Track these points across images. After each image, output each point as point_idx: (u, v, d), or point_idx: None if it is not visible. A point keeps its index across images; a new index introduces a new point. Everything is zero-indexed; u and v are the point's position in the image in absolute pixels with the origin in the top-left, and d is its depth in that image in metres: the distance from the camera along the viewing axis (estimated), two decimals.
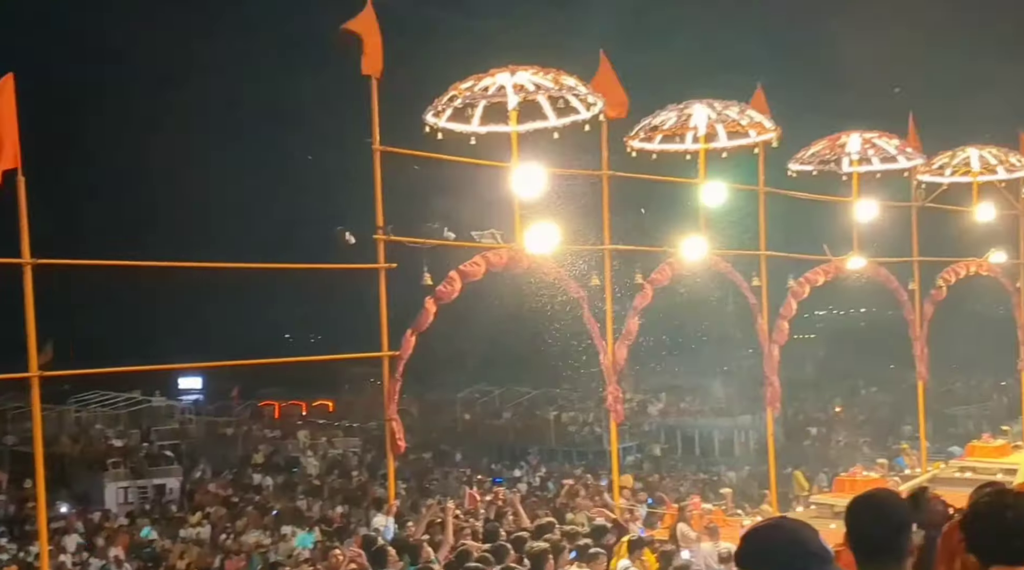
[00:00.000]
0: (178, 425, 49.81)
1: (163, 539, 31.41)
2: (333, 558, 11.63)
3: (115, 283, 29.91)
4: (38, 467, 11.16)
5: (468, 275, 13.76)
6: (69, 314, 11.58)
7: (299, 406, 55.60)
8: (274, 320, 69.57)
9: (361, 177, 12.89)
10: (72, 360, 12.07)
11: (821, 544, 2.87)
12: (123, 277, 20.39)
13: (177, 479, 39.48)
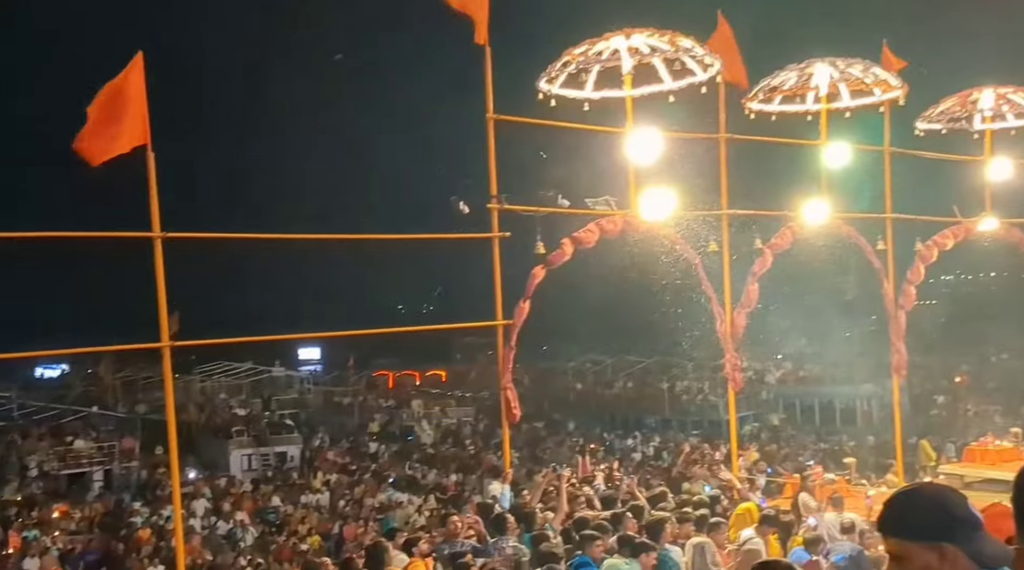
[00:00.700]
0: (297, 395, 51.44)
1: (285, 505, 32.59)
2: (452, 525, 11.80)
3: (237, 256, 30.84)
4: (171, 434, 11.65)
5: (581, 242, 13.71)
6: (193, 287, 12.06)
7: (413, 376, 56.70)
8: (388, 291, 70.92)
9: (475, 146, 12.95)
10: (197, 332, 12.52)
11: (969, 509, 2.75)
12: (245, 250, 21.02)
13: (297, 447, 40.78)
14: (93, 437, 40.07)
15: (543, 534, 10.81)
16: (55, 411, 45.43)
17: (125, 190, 11.25)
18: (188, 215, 12.01)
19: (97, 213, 12.52)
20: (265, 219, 46.71)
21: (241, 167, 68.91)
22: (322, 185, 66.54)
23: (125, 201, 11.43)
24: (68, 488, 36.28)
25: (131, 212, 11.36)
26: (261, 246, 14.45)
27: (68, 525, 31.93)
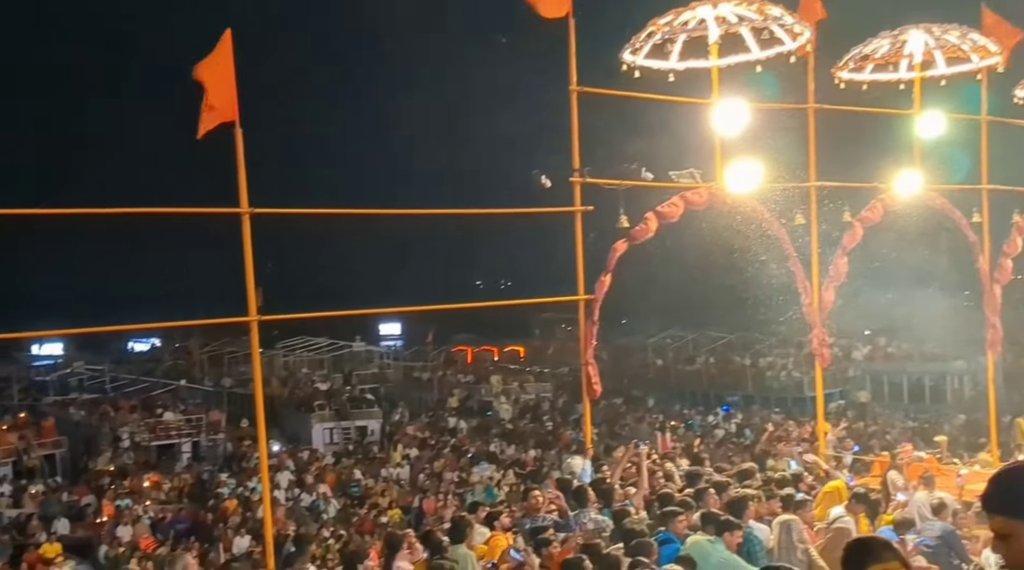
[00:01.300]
0: (377, 369, 52.22)
1: (366, 478, 33.20)
2: (533, 499, 11.86)
3: (320, 232, 31.37)
4: (258, 407, 11.91)
5: (665, 216, 13.59)
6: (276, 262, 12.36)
7: (491, 352, 57.06)
8: (466, 267, 71.44)
9: (557, 119, 12.91)
10: (280, 307, 12.76)
11: None
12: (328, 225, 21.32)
13: (378, 421, 41.45)
14: (181, 410, 41.31)
15: (624, 510, 10.81)
16: (145, 384, 46.95)
17: (212, 167, 11.52)
18: (273, 191, 12.25)
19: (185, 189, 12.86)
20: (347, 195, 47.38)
21: (324, 143, 69.85)
22: (403, 161, 67.11)
23: (212, 178, 11.70)
24: (158, 459, 37.53)
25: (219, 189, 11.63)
26: (343, 222, 14.64)
27: (158, 495, 33.07)
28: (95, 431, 39.70)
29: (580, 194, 13.33)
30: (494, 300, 38.84)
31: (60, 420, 40.29)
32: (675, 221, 13.94)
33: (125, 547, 26.79)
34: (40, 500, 32.47)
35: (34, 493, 33.10)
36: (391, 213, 12.98)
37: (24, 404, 43.41)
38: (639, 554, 8.35)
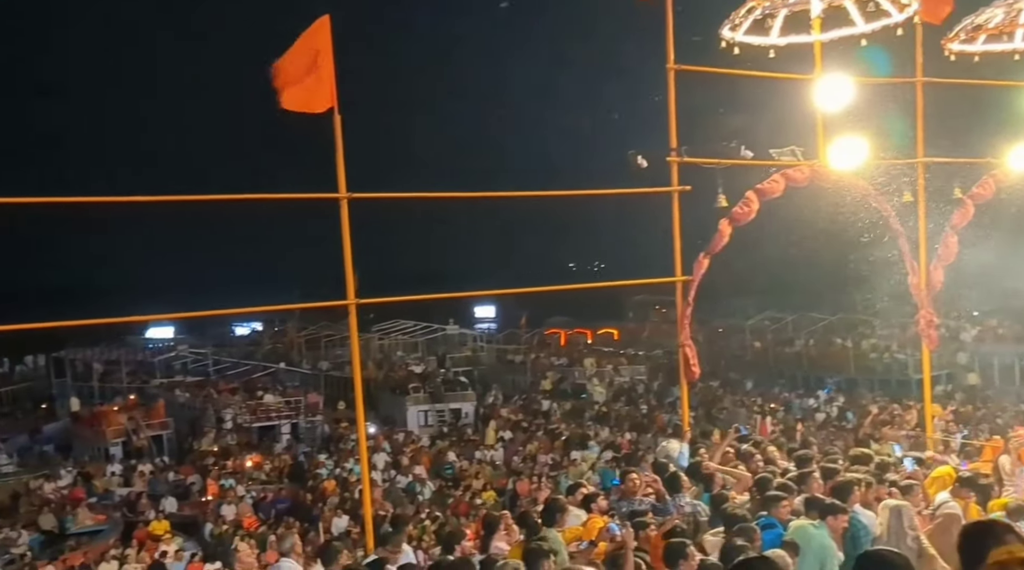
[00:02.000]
0: (470, 352, 52.71)
1: (460, 460, 33.59)
2: (630, 482, 11.83)
3: (416, 216, 31.73)
4: (357, 389, 12.16)
5: (766, 194, 13.35)
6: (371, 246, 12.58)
7: (584, 334, 56.94)
8: (559, 249, 71.47)
9: (654, 99, 12.78)
10: (376, 291, 12.96)
11: None
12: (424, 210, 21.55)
13: (471, 403, 41.86)
14: (281, 392, 42.40)
15: (723, 494, 10.71)
16: (246, 367, 48.33)
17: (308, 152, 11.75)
18: (369, 176, 12.42)
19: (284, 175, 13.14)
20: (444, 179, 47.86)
21: (421, 128, 70.63)
22: (498, 144, 67.32)
23: (309, 163, 11.93)
24: (259, 440, 38.59)
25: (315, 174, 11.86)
26: (439, 206, 14.77)
27: (260, 475, 34.05)
28: (199, 413, 41.04)
29: (677, 174, 13.18)
30: (587, 282, 38.77)
31: (166, 402, 41.78)
32: (776, 199, 13.69)
33: (229, 525, 27.71)
34: (149, 479, 33.80)
35: (143, 472, 34.46)
36: (487, 196, 13.04)
37: (133, 387, 45.13)
38: (741, 539, 8.27)
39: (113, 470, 35.29)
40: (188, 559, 24.22)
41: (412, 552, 11.25)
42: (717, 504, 10.28)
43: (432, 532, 23.45)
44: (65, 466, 35.84)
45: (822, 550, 8.76)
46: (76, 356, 49.02)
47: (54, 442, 41.55)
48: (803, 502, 9.69)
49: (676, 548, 7.84)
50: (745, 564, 4.29)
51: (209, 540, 27.47)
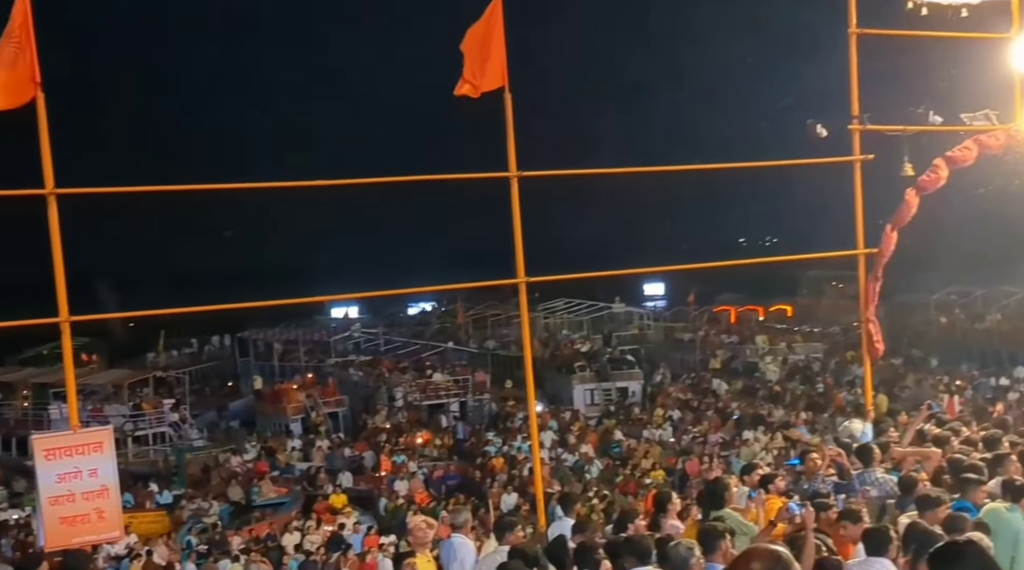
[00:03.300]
0: (637, 330, 52.46)
1: (628, 439, 33.57)
2: (810, 462, 11.56)
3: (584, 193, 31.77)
4: (527, 368, 12.33)
5: (957, 161, 12.67)
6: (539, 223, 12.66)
7: (755, 311, 55.68)
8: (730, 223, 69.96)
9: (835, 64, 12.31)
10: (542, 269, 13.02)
11: None
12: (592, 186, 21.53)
13: (638, 382, 41.72)
14: (449, 371, 43.43)
15: (912, 477, 10.31)
16: (416, 346, 49.71)
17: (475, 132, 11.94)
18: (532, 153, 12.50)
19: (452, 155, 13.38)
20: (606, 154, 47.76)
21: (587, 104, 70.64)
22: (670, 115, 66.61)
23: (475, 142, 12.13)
24: (429, 418, 39.70)
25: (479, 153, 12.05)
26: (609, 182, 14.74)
27: (430, 451, 35.07)
28: (372, 390, 42.55)
29: (860, 142, 12.65)
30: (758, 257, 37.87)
31: (341, 380, 43.51)
32: (968, 167, 12.97)
33: (403, 500, 28.69)
34: (326, 454, 35.37)
35: (321, 448, 36.09)
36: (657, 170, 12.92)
37: (310, 365, 47.22)
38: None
39: (293, 445, 37.11)
40: (365, 532, 25.16)
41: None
42: (907, 487, 9.92)
43: (600, 510, 23.58)
44: (250, 441, 37.97)
45: (1014, 534, 8.36)
46: (258, 336, 51.69)
47: (239, 418, 44.05)
48: (999, 485, 9.24)
49: (877, 534, 7.62)
50: (954, 547, 4.13)
51: (384, 514, 28.52)
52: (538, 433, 30.63)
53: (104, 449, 9.37)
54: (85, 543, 9.56)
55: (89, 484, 9.28)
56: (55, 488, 9.13)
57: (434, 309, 64.17)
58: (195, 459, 34.86)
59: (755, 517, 9.53)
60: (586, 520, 11.66)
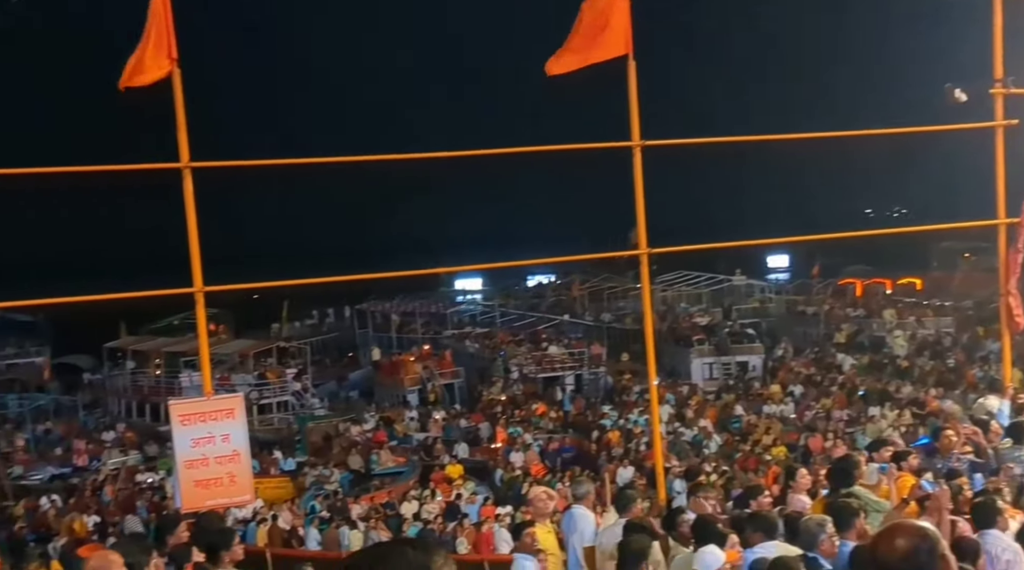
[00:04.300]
0: (758, 304, 51.53)
1: (748, 414, 33.12)
2: (945, 439, 11.22)
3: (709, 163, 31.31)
4: (648, 341, 12.26)
5: None
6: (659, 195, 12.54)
7: (883, 284, 53.97)
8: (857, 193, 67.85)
9: (977, 25, 11.73)
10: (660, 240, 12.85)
11: None
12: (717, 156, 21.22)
13: (759, 356, 41.06)
14: (564, 344, 43.53)
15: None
16: (531, 319, 49.97)
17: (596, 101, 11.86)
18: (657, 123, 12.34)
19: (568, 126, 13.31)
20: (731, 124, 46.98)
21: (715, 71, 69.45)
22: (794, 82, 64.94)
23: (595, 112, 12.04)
24: (544, 390, 39.92)
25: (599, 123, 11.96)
26: (733, 151, 14.44)
27: (545, 424, 35.30)
28: (487, 362, 43.00)
29: (1003, 107, 12.05)
30: (886, 228, 36.66)
31: (457, 352, 44.11)
32: None
33: (518, 472, 28.97)
34: (443, 425, 35.98)
35: (437, 419, 36.72)
36: (782, 138, 12.57)
37: (427, 337, 47.99)
38: None
39: (411, 416, 37.86)
40: (481, 502, 25.51)
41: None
42: None
43: (720, 486, 23.35)
44: (368, 411, 38.90)
45: None
46: (376, 308, 52.79)
47: (358, 388, 45.17)
48: None
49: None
50: None
51: (499, 485, 28.87)
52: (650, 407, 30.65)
53: (236, 415, 9.73)
54: (218, 506, 9.94)
55: (222, 449, 9.62)
56: (190, 452, 9.51)
57: (550, 282, 64.31)
58: (316, 428, 35.84)
59: (886, 494, 9.30)
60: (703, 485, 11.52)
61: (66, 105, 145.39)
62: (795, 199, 59.71)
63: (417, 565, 2.13)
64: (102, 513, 25.88)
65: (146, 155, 10.18)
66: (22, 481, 31.93)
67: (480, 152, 11.31)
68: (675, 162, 14.47)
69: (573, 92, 11.26)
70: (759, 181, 59.15)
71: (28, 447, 36.66)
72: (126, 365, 42.23)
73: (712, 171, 49.87)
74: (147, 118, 11.24)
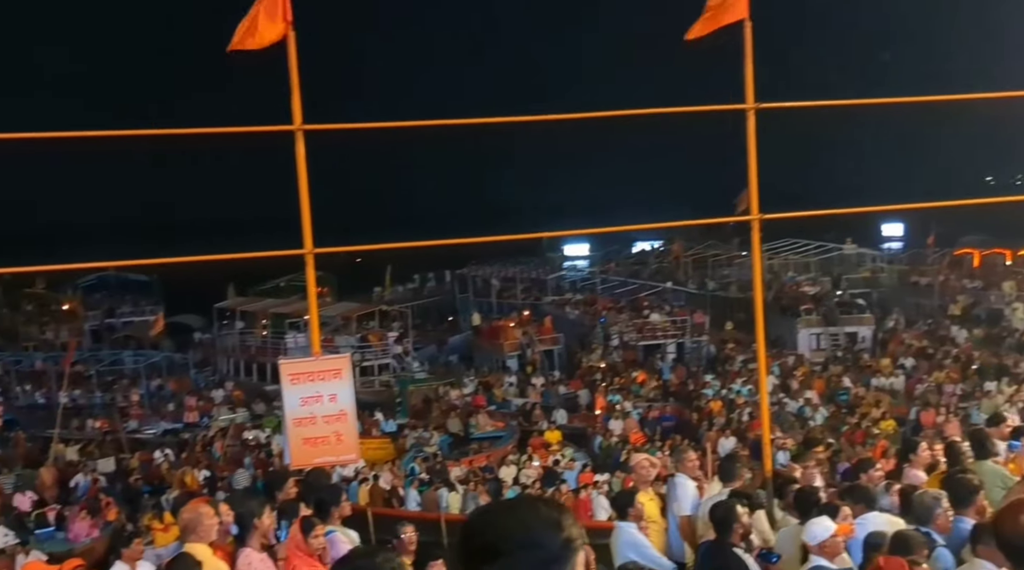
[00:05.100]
0: (869, 273, 50.22)
1: (856, 386, 32.49)
2: None
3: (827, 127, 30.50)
4: (757, 310, 11.99)
5: None
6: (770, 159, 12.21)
7: (1003, 255, 51.91)
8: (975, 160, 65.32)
9: None
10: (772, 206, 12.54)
11: None
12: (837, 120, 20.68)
13: (869, 327, 40.16)
14: (666, 311, 43.19)
15: None
16: (632, 286, 49.71)
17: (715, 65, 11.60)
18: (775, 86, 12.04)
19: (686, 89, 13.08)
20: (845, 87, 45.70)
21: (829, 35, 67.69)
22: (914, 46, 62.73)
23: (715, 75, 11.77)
24: (644, 358, 39.76)
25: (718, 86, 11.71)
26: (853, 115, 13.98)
27: (645, 392, 35.23)
28: (587, 329, 42.99)
29: None
30: (1009, 196, 35.10)
31: (557, 318, 44.22)
32: None
33: (617, 439, 29.03)
34: (541, 391, 36.21)
35: (536, 385, 36.96)
36: (898, 102, 12.11)
37: (527, 303, 48.22)
38: None
39: (510, 381, 38.18)
40: (579, 469, 25.68)
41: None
42: None
43: (826, 459, 22.98)
44: (468, 375, 39.36)
45: None
46: (477, 273, 53.20)
47: (458, 353, 45.70)
48: None
49: None
50: None
51: (598, 452, 28.98)
52: (757, 377, 30.29)
53: (343, 375, 9.89)
54: (325, 463, 10.17)
55: (329, 408, 9.81)
56: (299, 411, 9.73)
57: (652, 249, 63.74)
58: (417, 391, 36.45)
59: (1015, 470, 9.03)
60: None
61: (181, 66, 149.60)
62: (911, 166, 57.83)
63: (550, 521, 2.14)
64: (212, 467, 26.90)
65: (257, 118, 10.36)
66: (137, 435, 33.32)
67: (591, 115, 11.22)
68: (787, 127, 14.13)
69: (683, 56, 11.09)
70: (874, 147, 57.48)
71: (142, 402, 38.22)
72: (235, 325, 43.49)
73: (822, 137, 48.60)
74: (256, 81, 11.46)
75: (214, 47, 9.41)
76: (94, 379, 40.23)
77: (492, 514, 2.23)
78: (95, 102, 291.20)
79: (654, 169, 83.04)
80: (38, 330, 48.31)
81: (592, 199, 65.22)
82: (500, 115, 10.96)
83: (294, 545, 7.22)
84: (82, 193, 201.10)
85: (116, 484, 25.93)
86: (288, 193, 9.43)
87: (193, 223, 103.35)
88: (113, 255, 57.79)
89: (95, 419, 35.42)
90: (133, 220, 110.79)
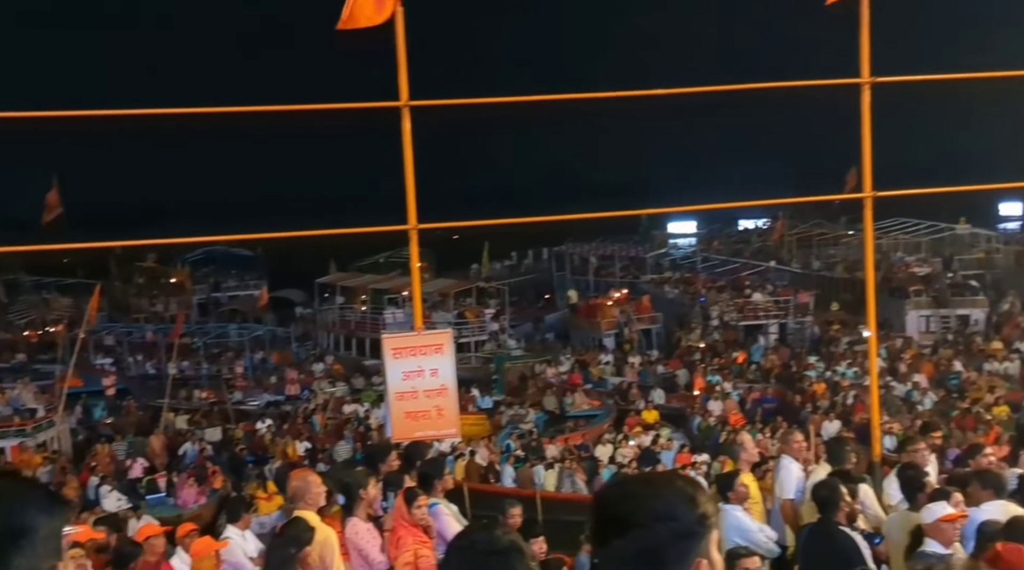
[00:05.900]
0: (983, 254, 48.46)
1: (967, 371, 31.52)
2: None
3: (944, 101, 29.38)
4: (869, 292, 11.75)
5: None
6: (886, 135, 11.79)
7: None
8: None
9: None
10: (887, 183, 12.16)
11: None
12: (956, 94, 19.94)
13: (982, 310, 38.89)
14: (769, 291, 42.44)
15: None
16: (734, 265, 48.97)
17: None
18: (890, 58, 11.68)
19: None
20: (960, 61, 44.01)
21: None
22: None
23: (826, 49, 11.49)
24: (745, 338, 39.19)
25: None
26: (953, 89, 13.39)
27: (746, 373, 34.74)
28: (687, 308, 42.56)
29: None
30: None
31: (656, 297, 43.86)
32: None
33: (715, 420, 28.71)
34: (639, 370, 36.02)
35: (633, 364, 36.78)
36: (1017, 75, 11.58)
37: (625, 281, 47.96)
38: None
39: (607, 359, 38.07)
40: (677, 449, 25.47)
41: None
42: None
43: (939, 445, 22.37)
44: (564, 353, 39.38)
45: None
46: (574, 250, 53.07)
47: (554, 330, 45.75)
48: None
49: None
50: None
51: (696, 433, 28.72)
52: (864, 360, 29.58)
53: (444, 350, 10.02)
54: (426, 437, 10.33)
55: (430, 383, 9.95)
56: (401, 385, 9.89)
57: (756, 228, 62.61)
58: (513, 368, 36.63)
59: None
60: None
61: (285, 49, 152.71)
62: None
63: (686, 495, 2.14)
64: (313, 439, 27.55)
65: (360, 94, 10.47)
66: (241, 406, 34.31)
67: (696, 89, 11.08)
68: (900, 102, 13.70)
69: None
70: (992, 123, 55.01)
71: (246, 374, 39.32)
72: (335, 300, 44.30)
73: (936, 112, 46.87)
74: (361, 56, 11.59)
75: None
76: (201, 351, 41.53)
77: (628, 485, 2.23)
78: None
79: (762, 145, 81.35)
80: (148, 303, 49.99)
81: (702, 175, 64.09)
82: (607, 91, 10.89)
83: (399, 516, 7.37)
84: (191, 171, 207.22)
85: (222, 453, 26.79)
86: (381, 170, 9.53)
87: (298, 199, 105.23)
88: (220, 230, 59.28)
89: (202, 390, 36.65)
90: (242, 196, 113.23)
